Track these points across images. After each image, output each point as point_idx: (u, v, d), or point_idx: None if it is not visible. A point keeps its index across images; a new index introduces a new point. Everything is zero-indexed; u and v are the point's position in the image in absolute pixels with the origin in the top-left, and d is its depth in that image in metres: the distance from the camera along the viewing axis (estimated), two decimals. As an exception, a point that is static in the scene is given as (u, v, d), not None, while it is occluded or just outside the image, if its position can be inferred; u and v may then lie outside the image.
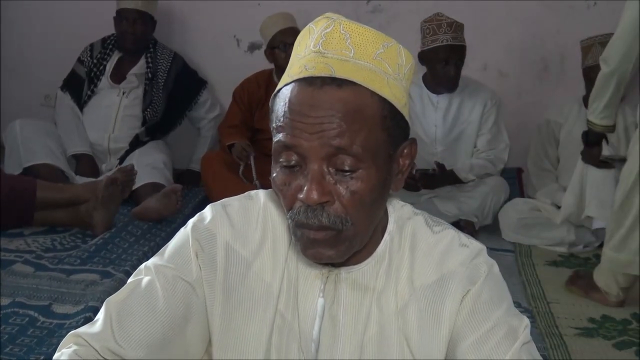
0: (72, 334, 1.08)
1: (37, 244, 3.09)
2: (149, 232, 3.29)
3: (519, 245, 3.47)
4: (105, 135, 3.90)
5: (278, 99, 1.03)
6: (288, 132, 1.00)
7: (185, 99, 4.09)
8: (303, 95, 0.99)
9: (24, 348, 2.21)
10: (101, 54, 4.00)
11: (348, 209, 1.01)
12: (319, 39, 1.03)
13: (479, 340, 1.06)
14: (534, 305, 2.79)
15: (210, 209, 1.16)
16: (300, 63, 1.03)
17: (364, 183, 1.00)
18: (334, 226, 1.01)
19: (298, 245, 1.05)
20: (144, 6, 3.90)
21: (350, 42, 1.02)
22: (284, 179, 1.03)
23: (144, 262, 1.16)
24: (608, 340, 2.53)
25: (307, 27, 1.06)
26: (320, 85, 0.99)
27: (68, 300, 2.55)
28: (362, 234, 1.05)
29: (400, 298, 1.10)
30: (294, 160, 1.01)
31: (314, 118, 0.98)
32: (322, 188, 0.99)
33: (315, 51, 1.02)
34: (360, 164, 1.00)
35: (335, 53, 1.01)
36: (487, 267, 1.11)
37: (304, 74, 1.00)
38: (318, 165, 0.99)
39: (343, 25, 1.03)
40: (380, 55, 1.03)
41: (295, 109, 0.99)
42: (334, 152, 0.99)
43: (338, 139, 0.98)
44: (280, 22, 3.79)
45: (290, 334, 1.11)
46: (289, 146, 1.00)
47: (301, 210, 1.01)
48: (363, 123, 0.99)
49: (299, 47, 1.06)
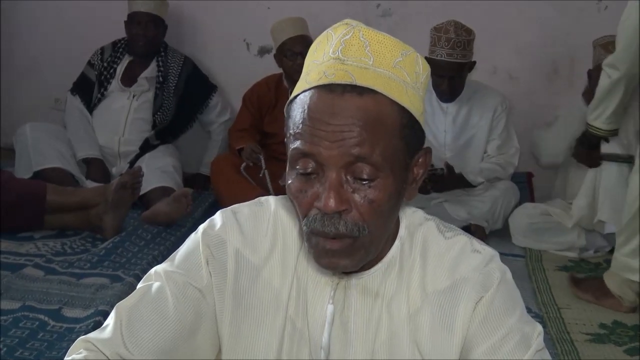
0: (82, 339, 1.08)
1: (47, 248, 3.09)
2: (159, 236, 3.29)
3: (530, 250, 3.46)
4: (116, 139, 3.91)
5: (295, 105, 1.02)
6: (306, 139, 0.99)
7: (196, 103, 4.10)
8: (323, 103, 0.98)
9: (34, 352, 2.22)
10: (112, 57, 4.00)
11: (365, 217, 1.00)
12: (338, 45, 1.02)
13: (493, 348, 1.06)
14: (545, 311, 2.77)
15: (220, 215, 1.16)
16: (319, 69, 1.01)
17: (381, 192, 1.00)
18: (351, 234, 1.00)
19: (311, 253, 1.04)
20: (155, 9, 3.91)
21: (369, 50, 1.01)
22: (299, 186, 1.02)
23: (154, 266, 1.16)
24: (619, 346, 2.51)
25: (325, 32, 1.05)
26: (341, 92, 0.98)
27: (78, 304, 2.56)
28: (377, 242, 1.05)
29: (412, 303, 1.10)
30: (310, 167, 1.00)
31: (334, 126, 0.97)
32: (340, 196, 0.98)
33: (335, 58, 1.01)
34: (378, 172, 0.99)
35: (354, 60, 1.00)
36: (500, 274, 1.10)
37: (324, 80, 0.99)
38: (336, 174, 0.99)
39: (362, 32, 1.02)
40: (399, 64, 1.02)
41: (315, 117, 0.98)
42: (353, 161, 0.98)
43: (358, 148, 0.97)
44: (289, 29, 3.78)
45: (300, 341, 1.11)
46: (307, 154, 0.99)
47: (317, 218, 1.00)
48: (383, 132, 0.99)
49: (317, 53, 1.05)
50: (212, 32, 4.35)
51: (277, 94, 3.92)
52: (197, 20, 4.37)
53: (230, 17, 4.31)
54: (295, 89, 1.04)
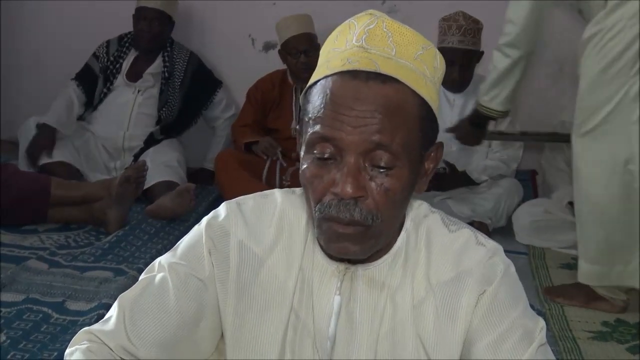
0: (85, 331, 1.08)
1: (51, 241, 3.10)
2: (162, 230, 3.29)
3: (533, 248, 3.45)
4: (120, 133, 3.91)
5: (316, 89, 1.02)
6: (327, 123, 0.99)
7: (201, 99, 4.09)
8: (347, 88, 0.99)
9: (37, 344, 2.22)
10: (118, 51, 4.00)
11: (380, 205, 1.00)
12: (362, 34, 1.02)
13: (496, 341, 1.06)
14: (548, 308, 2.77)
15: (224, 206, 1.16)
16: (342, 56, 1.02)
17: (397, 181, 1.00)
18: (365, 221, 1.00)
19: (321, 239, 1.05)
20: (163, 6, 3.90)
21: (392, 41, 1.02)
22: (315, 171, 1.02)
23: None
24: (622, 344, 2.51)
25: (347, 22, 1.06)
26: (365, 79, 0.98)
27: (81, 297, 2.56)
28: (388, 231, 1.06)
29: (417, 294, 1.10)
30: (328, 152, 1.00)
31: (357, 111, 0.97)
32: (357, 182, 0.98)
33: (359, 46, 1.02)
34: (396, 161, 0.99)
35: (378, 50, 1.01)
36: (504, 267, 1.10)
37: (348, 67, 0.99)
38: (355, 159, 0.99)
39: (386, 23, 1.03)
40: (420, 57, 1.03)
41: (337, 101, 0.98)
42: (373, 148, 0.98)
43: (379, 135, 0.97)
44: (293, 26, 3.79)
45: (304, 332, 1.11)
46: (327, 138, 0.99)
47: (333, 204, 1.00)
48: (403, 121, 0.99)
49: (338, 41, 1.05)
50: (218, 28, 4.35)
51: (281, 90, 3.93)
52: (204, 16, 4.37)
53: (236, 13, 4.30)
54: (314, 75, 1.04)
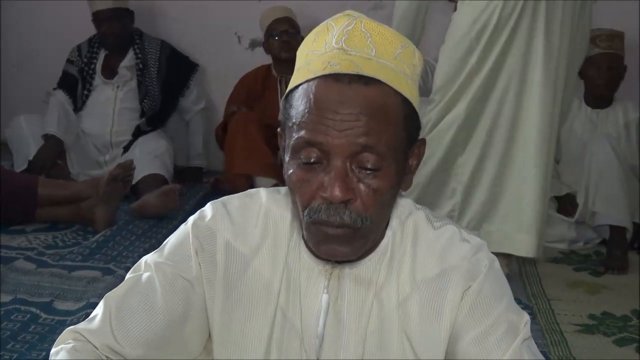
0: (70, 330, 1.08)
1: (38, 241, 3.09)
2: (150, 230, 3.29)
3: (520, 243, 3.46)
4: (107, 130, 3.92)
5: (298, 94, 1.02)
6: (312, 128, 0.99)
7: (178, 84, 4.09)
8: (330, 92, 0.99)
9: (25, 345, 2.22)
10: (90, 53, 4.01)
11: (368, 207, 1.01)
12: (341, 36, 1.02)
13: (480, 336, 1.07)
14: (535, 302, 2.79)
15: (210, 206, 1.16)
16: (322, 59, 1.01)
17: (385, 181, 1.01)
18: (355, 224, 1.01)
19: (310, 241, 1.05)
20: (114, 3, 3.88)
21: (371, 41, 1.02)
22: (302, 176, 1.01)
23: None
24: (608, 337, 2.53)
25: (325, 23, 1.05)
26: (348, 82, 0.98)
27: (70, 296, 2.55)
28: (376, 231, 1.06)
29: (402, 291, 1.10)
30: (314, 157, 1.00)
31: (342, 115, 0.97)
32: (346, 186, 0.99)
33: (339, 48, 1.01)
34: (383, 162, 1.00)
35: (358, 51, 1.01)
36: (488, 263, 1.11)
37: (330, 70, 0.99)
38: (342, 163, 0.99)
39: (364, 23, 1.03)
40: (400, 56, 1.03)
41: (322, 106, 0.98)
42: (360, 150, 0.98)
43: (365, 137, 0.98)
44: (277, 11, 3.90)
45: (292, 331, 1.12)
46: (313, 143, 0.99)
47: (322, 208, 1.00)
48: (388, 122, 0.99)
49: (316, 43, 1.05)
50: (203, 25, 4.34)
51: (264, 84, 3.98)
52: (188, 13, 4.36)
53: (222, 11, 4.30)
54: (293, 79, 1.04)
